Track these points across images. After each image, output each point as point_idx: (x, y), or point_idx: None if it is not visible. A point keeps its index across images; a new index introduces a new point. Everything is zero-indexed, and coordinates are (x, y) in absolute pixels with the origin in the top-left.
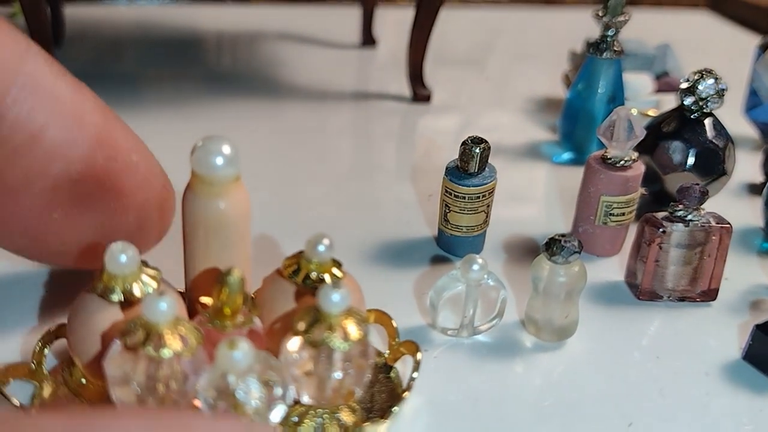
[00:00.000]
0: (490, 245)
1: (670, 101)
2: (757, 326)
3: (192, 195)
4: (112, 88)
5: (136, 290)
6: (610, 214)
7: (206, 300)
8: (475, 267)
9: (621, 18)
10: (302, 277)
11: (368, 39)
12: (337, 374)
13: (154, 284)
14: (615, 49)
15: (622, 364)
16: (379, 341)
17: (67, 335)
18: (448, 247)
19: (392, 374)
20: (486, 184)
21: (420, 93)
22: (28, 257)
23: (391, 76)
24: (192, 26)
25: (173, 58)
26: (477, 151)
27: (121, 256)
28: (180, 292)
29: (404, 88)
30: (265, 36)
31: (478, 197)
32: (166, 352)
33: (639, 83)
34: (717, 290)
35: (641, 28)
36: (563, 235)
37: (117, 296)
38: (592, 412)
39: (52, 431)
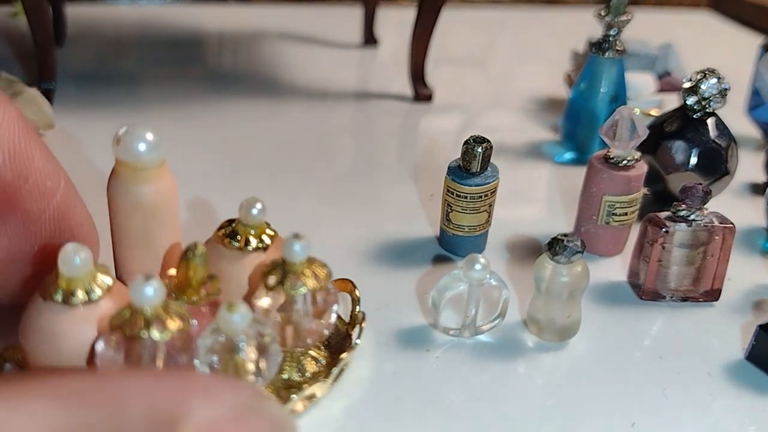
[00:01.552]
0: (492, 245)
1: (672, 101)
2: (761, 326)
3: (118, 182)
4: (113, 87)
5: (97, 290)
6: (613, 214)
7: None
8: (477, 267)
9: (623, 18)
10: (244, 242)
11: (370, 38)
12: (308, 318)
13: (110, 280)
14: (617, 48)
15: (625, 364)
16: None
17: (31, 352)
18: (450, 246)
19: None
20: (488, 183)
21: (422, 92)
22: None
23: (393, 75)
24: (193, 26)
25: (175, 57)
26: (479, 150)
27: (75, 258)
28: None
29: (406, 88)
30: (266, 36)
31: (480, 197)
32: (160, 335)
33: (641, 83)
34: (720, 290)
35: (643, 28)
36: (566, 235)
37: (79, 299)
38: (595, 412)
39: (66, 391)
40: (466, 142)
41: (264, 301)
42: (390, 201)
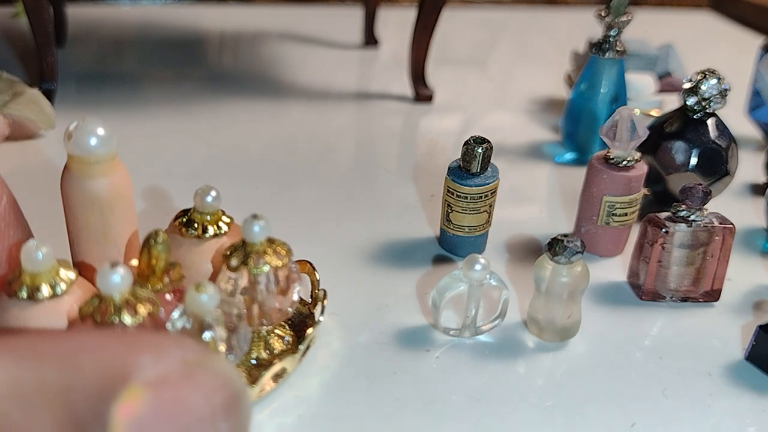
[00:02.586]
0: (493, 245)
1: (672, 101)
2: (761, 327)
3: (71, 177)
4: (114, 87)
5: (62, 284)
6: (613, 215)
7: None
8: (478, 267)
9: (624, 18)
10: (201, 230)
11: (370, 39)
12: (272, 296)
13: (72, 274)
14: (618, 49)
15: (625, 365)
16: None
17: None
18: (451, 247)
19: (317, 319)
20: (488, 184)
21: (422, 93)
22: None
23: (393, 76)
24: (194, 26)
25: (175, 58)
26: (479, 150)
27: (37, 253)
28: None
29: (406, 88)
30: (267, 36)
31: (481, 197)
32: (131, 319)
33: (642, 83)
34: (720, 291)
35: (644, 29)
36: (566, 236)
37: (44, 294)
38: (595, 412)
39: (19, 348)
40: (466, 143)
41: (228, 283)
42: (390, 201)
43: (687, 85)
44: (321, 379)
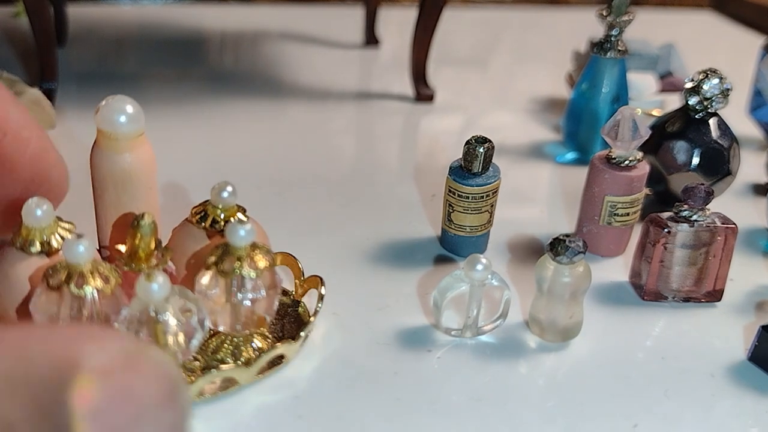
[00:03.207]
0: (494, 245)
1: (674, 101)
2: (763, 327)
3: (99, 151)
4: (115, 87)
5: (54, 242)
6: (615, 214)
7: (120, 246)
8: (479, 267)
9: (625, 18)
10: (209, 222)
11: (371, 39)
12: (248, 302)
13: (69, 236)
14: (619, 48)
15: (627, 365)
16: (287, 282)
17: None
18: (452, 247)
19: (300, 309)
20: (490, 183)
21: (423, 93)
22: None
23: (394, 75)
24: (195, 26)
25: (176, 57)
26: (481, 150)
27: (37, 210)
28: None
29: (407, 88)
30: (268, 36)
31: (482, 197)
32: (88, 290)
33: (643, 83)
34: (722, 291)
35: (645, 28)
36: (567, 236)
37: (36, 248)
38: (597, 412)
39: None
40: (467, 142)
41: (204, 280)
42: (391, 201)
43: (689, 85)
44: (321, 378)
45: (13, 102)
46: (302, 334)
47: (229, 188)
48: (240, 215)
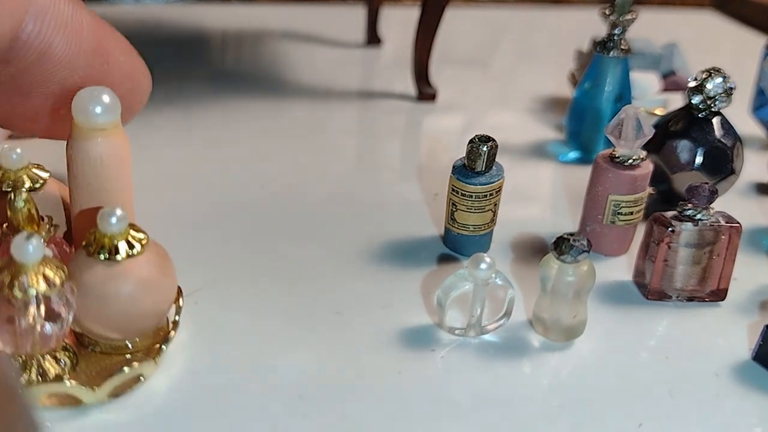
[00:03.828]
0: (497, 244)
1: (677, 100)
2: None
3: (73, 141)
4: None
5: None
6: (618, 213)
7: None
8: (483, 266)
9: (628, 16)
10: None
11: (373, 38)
12: (41, 323)
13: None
14: (622, 47)
15: (631, 365)
16: None
17: None
18: (455, 246)
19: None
20: (493, 182)
21: (425, 92)
22: (38, 137)
23: (396, 75)
24: (196, 25)
25: (178, 56)
26: (484, 149)
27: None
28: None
29: (409, 87)
30: (269, 35)
31: (486, 196)
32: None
33: (646, 82)
34: (726, 290)
35: (648, 27)
36: (572, 234)
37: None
38: (601, 412)
39: None
40: (471, 141)
41: None
42: (394, 200)
43: (692, 84)
44: (323, 378)
45: (110, 32)
46: (162, 348)
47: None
48: (133, 233)
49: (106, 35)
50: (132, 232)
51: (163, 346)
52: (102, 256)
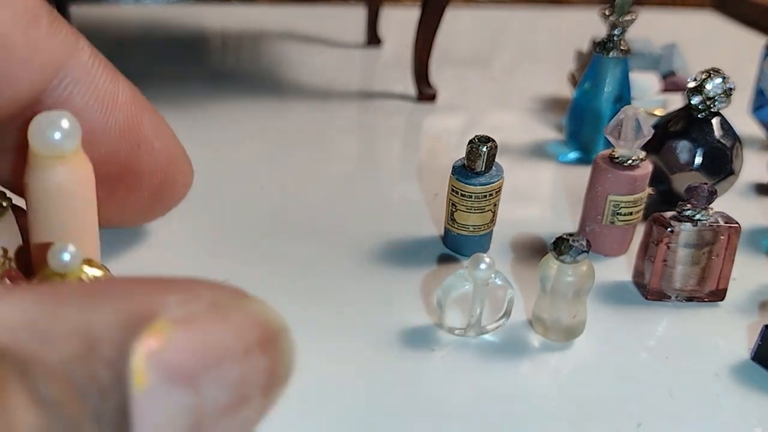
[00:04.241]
0: (497, 244)
1: (676, 101)
2: (767, 326)
3: (29, 170)
4: None
5: None
6: (618, 214)
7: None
8: (483, 266)
9: (628, 17)
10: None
11: (373, 38)
12: None
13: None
14: (622, 48)
15: (631, 365)
16: None
17: None
18: (455, 246)
19: None
20: (493, 182)
21: (425, 92)
22: None
23: (396, 75)
24: (197, 26)
25: (178, 57)
26: (484, 149)
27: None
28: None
29: (409, 88)
30: (269, 35)
31: (485, 196)
32: None
33: (646, 82)
34: (725, 290)
35: (648, 28)
36: (571, 235)
37: None
38: (601, 412)
39: (42, 291)
40: (471, 141)
41: None
42: (394, 200)
43: (691, 84)
44: (324, 378)
45: (148, 113)
46: None
47: (71, 248)
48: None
49: (142, 114)
50: (86, 269)
51: None
52: None
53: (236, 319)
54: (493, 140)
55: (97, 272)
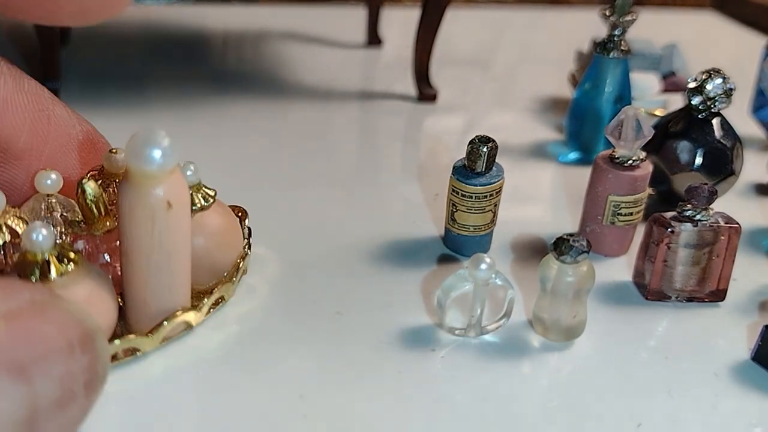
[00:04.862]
0: (497, 245)
1: (677, 101)
2: (767, 327)
3: (129, 187)
4: (118, 87)
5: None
6: (618, 214)
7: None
8: (483, 266)
9: (628, 17)
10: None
11: (374, 39)
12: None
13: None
14: (622, 48)
15: (630, 365)
16: None
17: None
18: (455, 246)
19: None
20: (493, 183)
21: (426, 92)
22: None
23: (397, 75)
24: (198, 26)
25: (179, 57)
26: (485, 150)
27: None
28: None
29: (410, 88)
30: (270, 36)
31: (486, 196)
32: None
33: (646, 83)
34: (725, 291)
35: (648, 28)
36: (571, 235)
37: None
38: (601, 412)
39: None
40: (471, 142)
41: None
42: (394, 201)
43: (692, 85)
44: (323, 378)
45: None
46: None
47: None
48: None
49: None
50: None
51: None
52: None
53: (56, 316)
54: (494, 140)
55: (211, 192)
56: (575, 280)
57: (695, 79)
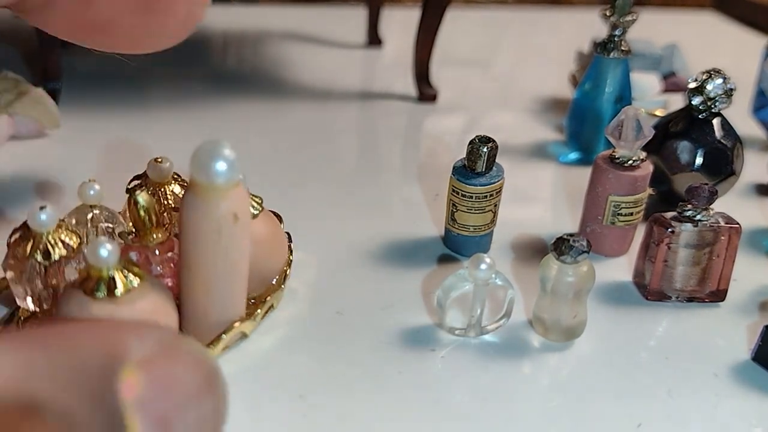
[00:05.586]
0: (498, 245)
1: (677, 101)
2: (767, 327)
3: (195, 200)
4: (119, 87)
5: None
6: (618, 214)
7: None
8: (483, 266)
9: (628, 18)
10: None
11: (374, 39)
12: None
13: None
14: (622, 48)
15: (631, 365)
16: None
17: None
18: (456, 246)
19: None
20: (493, 183)
21: (426, 93)
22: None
23: (397, 75)
24: (198, 26)
25: (179, 58)
26: (485, 150)
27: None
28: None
29: (410, 88)
30: (271, 36)
31: (486, 196)
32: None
33: (646, 83)
34: (726, 291)
35: (648, 28)
36: (571, 235)
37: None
38: (601, 412)
39: (29, 338)
40: (471, 142)
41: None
42: (395, 201)
43: (692, 85)
44: (323, 378)
45: None
46: (283, 286)
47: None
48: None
49: None
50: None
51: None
52: None
53: (186, 359)
54: (494, 141)
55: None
56: (575, 280)
57: (696, 80)
